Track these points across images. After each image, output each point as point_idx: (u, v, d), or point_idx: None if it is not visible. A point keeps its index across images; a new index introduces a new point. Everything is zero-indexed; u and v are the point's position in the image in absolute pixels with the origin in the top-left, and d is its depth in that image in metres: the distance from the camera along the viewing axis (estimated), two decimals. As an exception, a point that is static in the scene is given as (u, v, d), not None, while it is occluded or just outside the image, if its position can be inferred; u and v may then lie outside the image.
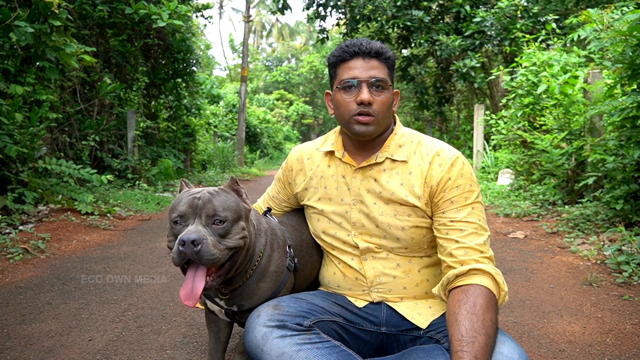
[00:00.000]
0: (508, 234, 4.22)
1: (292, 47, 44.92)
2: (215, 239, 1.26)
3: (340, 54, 1.43)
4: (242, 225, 1.33)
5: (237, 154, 14.72)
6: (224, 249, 1.26)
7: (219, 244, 1.25)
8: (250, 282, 1.43)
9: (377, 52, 1.41)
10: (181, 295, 1.25)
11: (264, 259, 1.44)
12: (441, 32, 9.65)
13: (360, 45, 1.40)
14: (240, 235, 1.31)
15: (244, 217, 1.36)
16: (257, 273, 1.43)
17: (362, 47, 1.40)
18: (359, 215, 1.47)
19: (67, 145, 6.33)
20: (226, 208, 1.30)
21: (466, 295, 1.21)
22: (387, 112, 1.42)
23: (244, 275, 1.41)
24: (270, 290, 1.45)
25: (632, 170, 3.69)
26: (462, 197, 1.36)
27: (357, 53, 1.40)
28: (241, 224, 1.33)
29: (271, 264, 1.46)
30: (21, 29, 4.04)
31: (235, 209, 1.33)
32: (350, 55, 1.41)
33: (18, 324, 2.15)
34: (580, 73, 5.19)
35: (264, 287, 1.44)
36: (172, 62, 9.04)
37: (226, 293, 1.42)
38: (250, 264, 1.41)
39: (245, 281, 1.42)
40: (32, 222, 4.17)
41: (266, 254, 1.45)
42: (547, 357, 1.84)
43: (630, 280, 2.72)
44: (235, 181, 1.41)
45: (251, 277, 1.43)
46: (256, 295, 1.44)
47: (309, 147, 1.65)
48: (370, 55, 1.40)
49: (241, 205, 1.36)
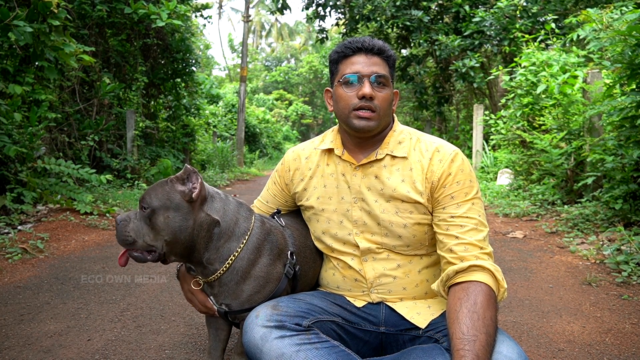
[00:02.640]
0: (507, 234, 4.22)
1: (291, 47, 44.92)
2: (140, 223, 1.37)
3: (342, 50, 1.44)
4: (165, 216, 1.36)
5: (237, 153, 14.72)
6: (143, 235, 1.37)
7: (145, 227, 1.37)
8: (227, 282, 1.42)
9: (380, 50, 1.41)
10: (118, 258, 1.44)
11: (238, 261, 1.41)
12: (440, 32, 9.65)
13: (363, 42, 1.41)
14: (155, 229, 1.37)
15: (171, 208, 1.36)
16: (233, 274, 1.41)
17: (365, 44, 1.41)
18: (360, 214, 1.47)
19: (66, 145, 6.32)
20: (154, 196, 1.38)
21: (467, 292, 1.21)
22: (387, 108, 1.42)
23: (206, 269, 1.42)
24: (258, 295, 1.43)
25: (631, 170, 3.70)
26: (462, 193, 1.36)
27: (359, 49, 1.41)
28: (163, 215, 1.36)
29: (255, 268, 1.43)
30: (20, 29, 4.03)
31: (163, 197, 1.37)
32: (352, 51, 1.42)
33: (16, 324, 2.15)
34: (579, 73, 5.19)
35: (247, 289, 1.42)
36: (172, 62, 9.03)
37: (200, 283, 1.47)
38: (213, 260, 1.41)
39: (218, 277, 1.42)
40: (31, 222, 4.17)
41: (244, 256, 1.42)
42: (546, 356, 1.84)
43: (630, 280, 2.73)
44: (187, 171, 1.39)
45: (224, 276, 1.41)
46: (240, 296, 1.43)
47: (305, 146, 1.64)
48: (373, 52, 1.41)
49: (172, 196, 1.37)
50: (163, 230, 1.35)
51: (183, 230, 1.36)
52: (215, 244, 1.41)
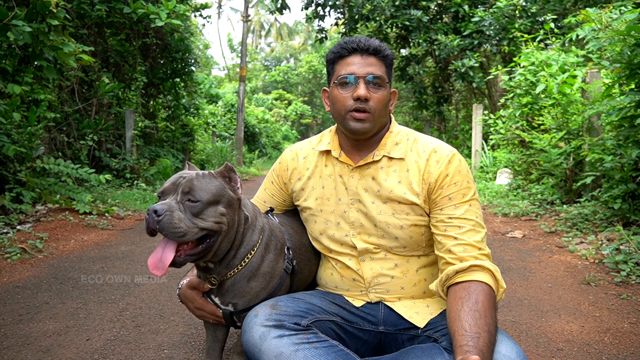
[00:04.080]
0: (506, 234, 4.22)
1: (290, 47, 44.91)
2: (185, 215, 1.27)
3: (338, 51, 1.43)
4: (222, 210, 1.33)
5: (236, 153, 14.71)
6: (193, 227, 1.26)
7: (189, 221, 1.26)
8: (240, 279, 1.42)
9: (376, 50, 1.41)
10: (149, 264, 1.25)
11: (255, 257, 1.43)
12: (440, 32, 9.65)
13: (358, 42, 1.40)
14: (216, 220, 1.31)
15: (225, 203, 1.35)
16: (248, 270, 1.42)
17: (360, 44, 1.40)
18: (357, 215, 1.47)
19: (65, 145, 6.32)
20: (203, 189, 1.31)
21: (468, 292, 1.21)
22: (383, 110, 1.42)
23: (229, 266, 1.41)
24: (264, 291, 1.44)
25: (630, 169, 3.70)
26: (459, 194, 1.36)
27: (355, 50, 1.40)
28: (220, 208, 1.33)
29: (264, 264, 1.45)
30: (19, 28, 4.03)
31: (215, 192, 1.33)
32: (348, 51, 1.41)
33: (15, 324, 2.14)
34: (578, 73, 5.20)
35: (255, 286, 1.43)
36: (171, 61, 9.03)
37: (214, 283, 1.44)
38: (237, 256, 1.41)
39: (233, 275, 1.42)
40: (30, 221, 4.16)
41: (259, 252, 1.44)
42: (545, 356, 1.84)
43: (628, 280, 2.73)
44: (229, 168, 1.40)
45: (239, 273, 1.42)
46: (248, 294, 1.43)
47: (304, 146, 1.64)
48: (369, 52, 1.40)
49: (225, 192, 1.35)
50: (213, 225, 1.31)
51: (234, 223, 1.38)
52: (241, 239, 1.42)
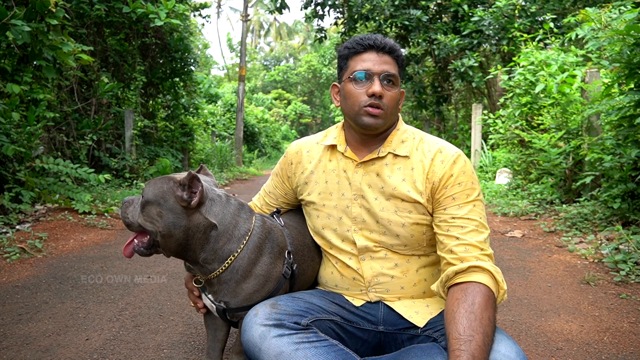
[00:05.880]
0: (506, 233, 4.22)
1: (290, 47, 44.91)
2: (137, 209, 1.43)
3: (353, 46, 1.44)
4: (159, 212, 1.38)
5: (235, 153, 14.71)
6: (134, 220, 1.43)
7: (137, 214, 1.43)
8: (228, 280, 1.42)
9: (391, 49, 1.42)
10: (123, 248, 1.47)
11: (239, 260, 1.42)
12: (439, 32, 9.65)
13: (375, 39, 1.41)
14: (150, 219, 1.39)
15: (166, 207, 1.37)
16: (234, 273, 1.42)
17: (377, 42, 1.41)
18: (359, 210, 1.47)
19: (64, 145, 6.31)
20: (150, 189, 1.42)
21: (465, 293, 1.21)
22: (395, 107, 1.43)
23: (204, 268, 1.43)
24: (258, 294, 1.43)
25: (630, 169, 3.70)
26: (463, 194, 1.36)
27: (371, 47, 1.41)
28: (157, 210, 1.38)
29: (257, 267, 1.44)
30: (18, 28, 4.02)
31: (157, 194, 1.39)
32: (364, 48, 1.42)
33: (15, 324, 2.14)
34: (577, 72, 5.20)
35: (247, 288, 1.43)
36: (170, 61, 9.02)
37: (200, 281, 1.49)
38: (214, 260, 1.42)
39: (217, 276, 1.42)
40: (29, 221, 4.16)
41: (245, 256, 1.43)
42: (544, 355, 1.85)
43: (628, 279, 2.73)
44: (191, 177, 1.38)
45: (224, 275, 1.42)
46: (240, 295, 1.43)
47: (308, 141, 1.65)
48: (385, 50, 1.41)
49: (168, 197, 1.38)
50: (155, 221, 1.39)
51: (176, 228, 1.38)
52: (212, 246, 1.42)
